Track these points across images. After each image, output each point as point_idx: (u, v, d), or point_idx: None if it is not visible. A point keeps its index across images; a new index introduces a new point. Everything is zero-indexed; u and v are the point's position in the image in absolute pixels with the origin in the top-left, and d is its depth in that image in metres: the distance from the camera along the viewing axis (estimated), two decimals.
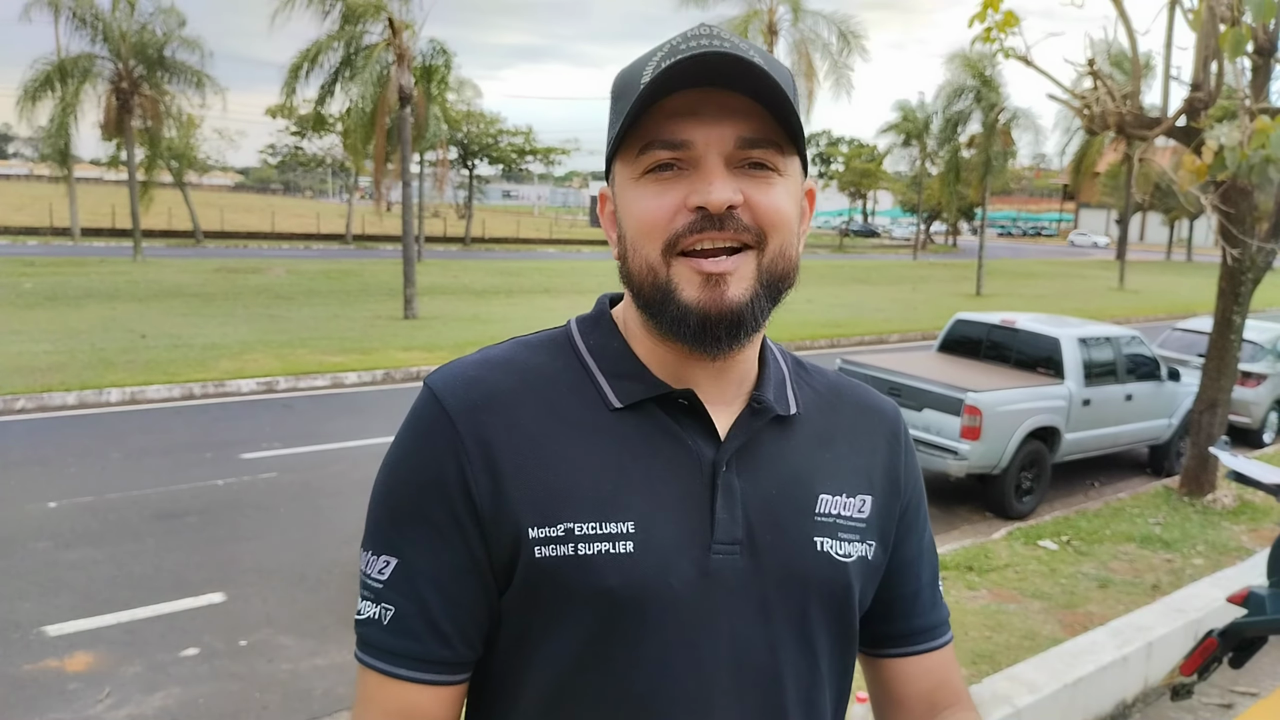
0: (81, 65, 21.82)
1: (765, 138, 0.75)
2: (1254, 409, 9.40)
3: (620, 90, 0.79)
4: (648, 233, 0.76)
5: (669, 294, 0.76)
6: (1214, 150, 5.02)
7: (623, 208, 0.79)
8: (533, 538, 0.76)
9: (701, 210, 0.74)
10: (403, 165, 15.78)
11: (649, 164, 0.76)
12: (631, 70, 0.78)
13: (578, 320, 0.88)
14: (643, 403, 0.80)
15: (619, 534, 0.76)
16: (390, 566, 0.78)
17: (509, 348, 0.86)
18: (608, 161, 0.82)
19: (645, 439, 0.80)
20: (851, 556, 0.85)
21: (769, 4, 20.14)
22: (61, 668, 4.04)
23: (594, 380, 0.82)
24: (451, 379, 0.81)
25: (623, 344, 0.84)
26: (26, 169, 77.99)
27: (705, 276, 0.75)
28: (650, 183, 0.76)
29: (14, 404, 8.61)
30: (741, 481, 0.81)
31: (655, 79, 0.72)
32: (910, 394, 6.98)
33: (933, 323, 15.63)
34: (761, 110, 0.75)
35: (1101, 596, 4.91)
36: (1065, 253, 53.18)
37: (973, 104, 25.15)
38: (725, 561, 0.79)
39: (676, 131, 0.74)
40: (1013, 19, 5.51)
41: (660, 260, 0.76)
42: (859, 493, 0.87)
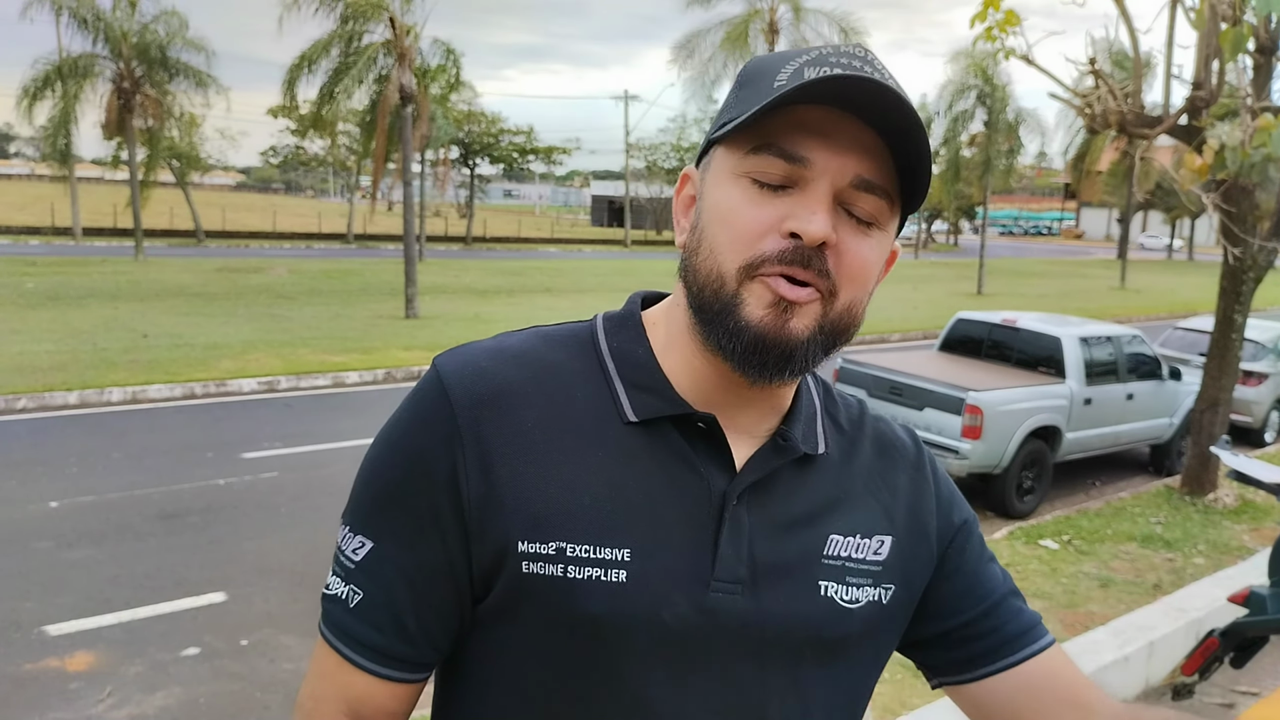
0: (82, 65, 21.83)
1: (882, 185, 0.70)
2: (1255, 408, 9.39)
3: (750, 77, 0.73)
4: (731, 241, 0.70)
5: (731, 307, 0.70)
6: (1215, 149, 5.02)
7: (710, 200, 0.73)
8: (521, 551, 0.71)
9: (795, 238, 0.68)
10: (404, 165, 15.79)
11: (757, 167, 0.70)
12: (769, 62, 0.73)
13: (604, 318, 0.82)
14: (658, 420, 0.75)
15: (613, 561, 0.71)
16: (365, 549, 0.75)
17: (527, 338, 0.80)
18: (707, 144, 0.76)
19: (655, 459, 0.75)
20: (859, 602, 0.79)
21: (770, 3, 20.12)
22: (63, 667, 4.05)
23: (611, 387, 0.76)
24: (461, 366, 0.76)
25: (647, 352, 0.78)
26: (28, 168, 78.09)
27: (777, 299, 0.69)
28: (751, 187, 0.70)
29: (16, 403, 8.62)
30: (751, 517, 0.76)
31: (803, 84, 0.66)
32: (911, 393, 6.98)
33: (934, 322, 15.62)
34: (886, 152, 0.70)
35: (1103, 596, 4.91)
36: (1067, 251, 53.15)
37: (975, 103, 25.14)
38: (724, 600, 0.74)
39: (799, 145, 0.68)
40: (1014, 18, 5.51)
41: (734, 275, 0.70)
42: (876, 533, 0.81)
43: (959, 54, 24.17)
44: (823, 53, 0.70)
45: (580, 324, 0.83)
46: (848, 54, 0.70)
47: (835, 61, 0.69)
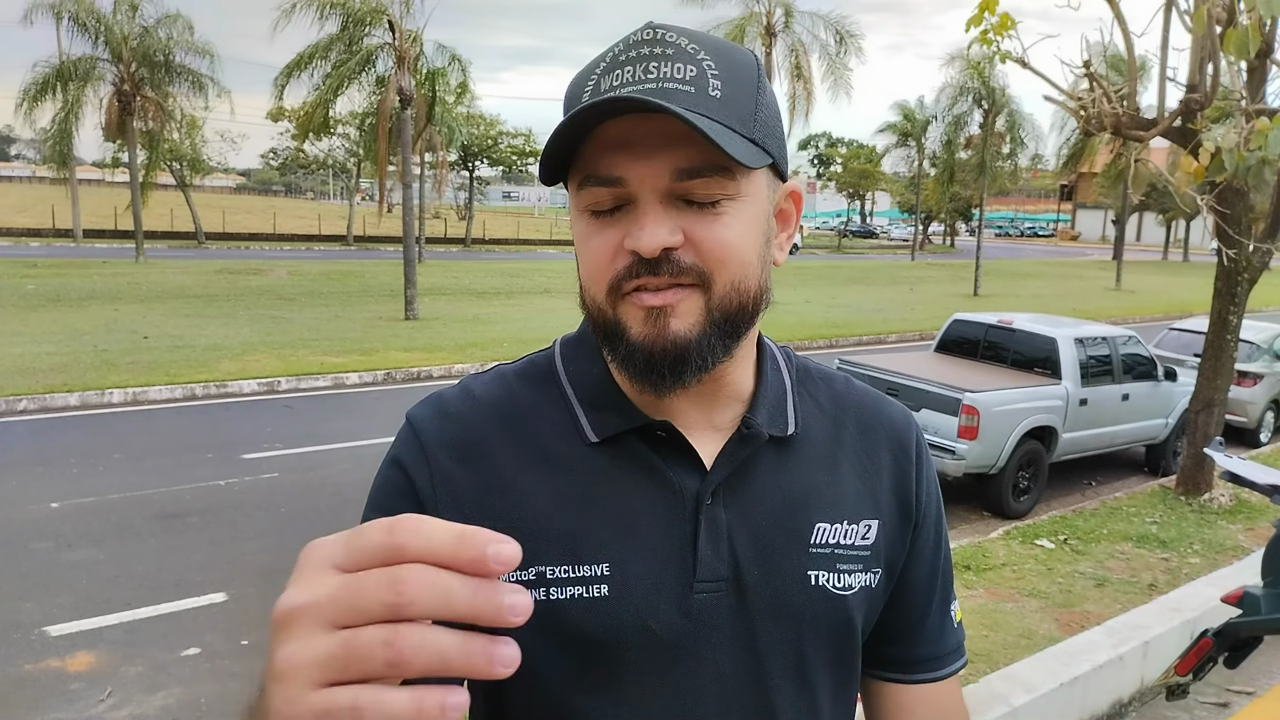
0: (82, 68, 21.83)
1: (708, 164, 0.67)
2: (1250, 409, 9.41)
3: (566, 102, 0.72)
4: (591, 275, 0.72)
5: (619, 333, 0.72)
6: (1211, 152, 5.04)
7: (575, 235, 0.75)
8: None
9: (634, 254, 0.68)
10: (403, 167, 15.81)
11: (590, 201, 0.70)
12: (577, 81, 0.72)
13: (562, 342, 0.84)
14: (620, 435, 0.76)
15: (593, 577, 0.72)
16: None
17: (491, 379, 0.82)
18: None
19: (623, 474, 0.75)
20: (852, 588, 0.79)
21: (766, 6, 20.15)
22: (63, 668, 4.06)
23: (572, 412, 0.78)
24: (429, 413, 0.79)
25: (602, 370, 0.78)
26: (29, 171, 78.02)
27: (646, 311, 0.70)
28: (592, 220, 0.71)
29: (17, 405, 8.63)
30: (728, 514, 0.75)
31: (583, 110, 0.65)
32: (908, 394, 7.00)
33: (930, 323, 15.65)
34: (700, 136, 0.66)
35: (1098, 595, 4.93)
36: (1062, 253, 53.18)
37: (972, 106, 25.19)
38: (709, 600, 0.74)
39: (611, 167, 0.68)
40: (1009, 22, 5.53)
41: (606, 302, 0.72)
42: (863, 518, 0.80)
43: (954, 57, 24.22)
44: (614, 53, 0.69)
45: (540, 353, 0.84)
46: (635, 44, 0.69)
47: (624, 59, 0.68)
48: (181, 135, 25.37)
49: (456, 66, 16.82)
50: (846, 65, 20.73)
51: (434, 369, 11.22)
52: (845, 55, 20.59)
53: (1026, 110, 25.98)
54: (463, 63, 17.05)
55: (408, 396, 9.94)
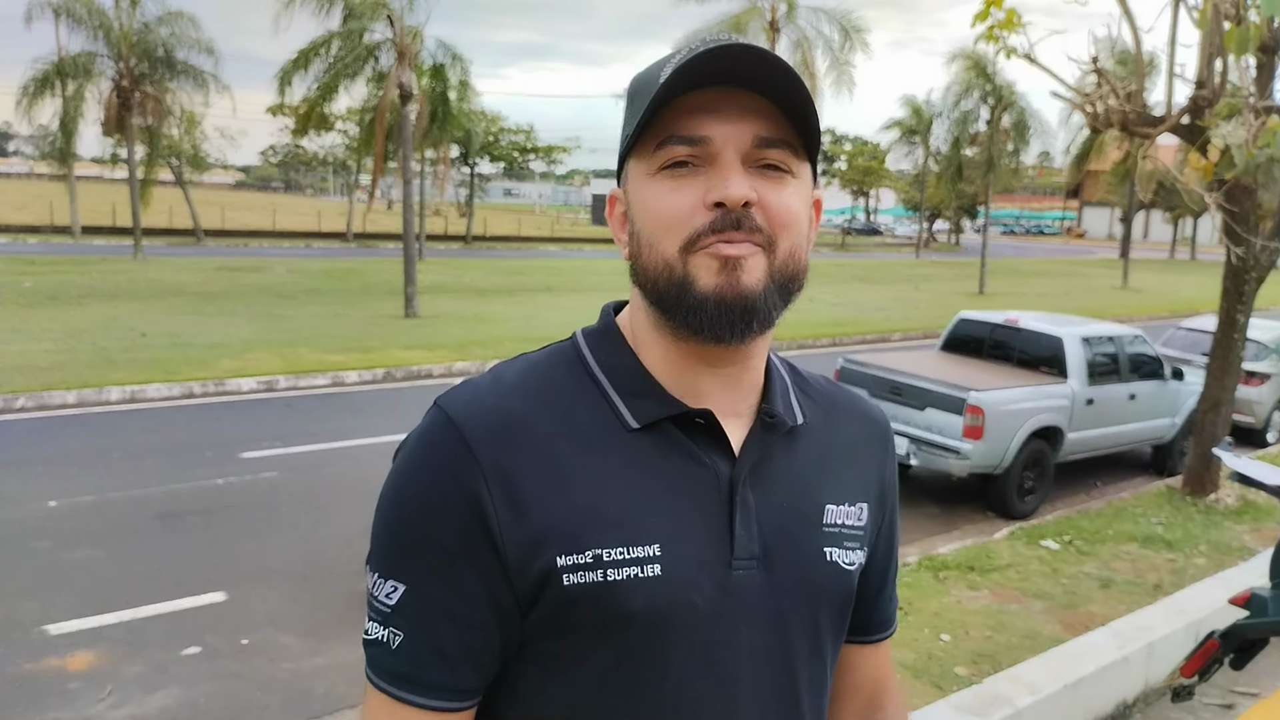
0: (82, 64, 21.81)
1: (782, 138, 0.76)
2: (1258, 408, 9.38)
3: (637, 90, 0.79)
4: (665, 229, 0.75)
5: (687, 286, 0.75)
6: (1220, 148, 5.01)
7: (637, 204, 0.79)
8: (561, 565, 0.75)
9: (720, 207, 0.74)
10: (403, 164, 15.79)
11: (666, 159, 0.75)
12: (649, 71, 0.78)
13: (584, 334, 0.87)
14: (659, 422, 0.80)
15: (646, 557, 0.76)
16: (399, 592, 0.77)
17: (521, 369, 0.84)
18: (621, 161, 0.82)
19: (664, 459, 0.79)
20: (854, 564, 0.88)
21: (770, 1, 20.10)
22: (63, 667, 4.05)
23: (609, 400, 0.81)
24: (469, 405, 0.79)
25: (633, 359, 0.83)
26: (27, 167, 78.08)
27: (723, 261, 0.74)
28: (666, 179, 0.76)
29: (14, 403, 8.61)
30: (755, 496, 0.81)
31: (674, 74, 0.72)
32: (913, 393, 6.97)
33: (935, 321, 15.61)
34: (778, 112, 0.75)
35: (1103, 596, 4.90)
36: (1068, 251, 53.15)
37: (979, 102, 25.12)
38: (744, 577, 0.80)
39: (695, 127, 0.74)
40: (1015, 17, 5.49)
41: (677, 256, 0.75)
42: (858, 501, 0.90)
43: (959, 54, 24.14)
44: (692, 48, 0.75)
45: (563, 344, 0.87)
46: (714, 41, 0.75)
47: (703, 50, 0.74)
48: (181, 131, 25.33)
49: (458, 65, 16.76)
50: (851, 61, 20.67)
51: (434, 367, 11.20)
52: (850, 51, 20.53)
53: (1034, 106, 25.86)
54: (463, 60, 16.99)
55: (408, 395, 9.92)
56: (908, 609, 4.61)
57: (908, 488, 7.60)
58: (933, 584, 4.99)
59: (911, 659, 4.02)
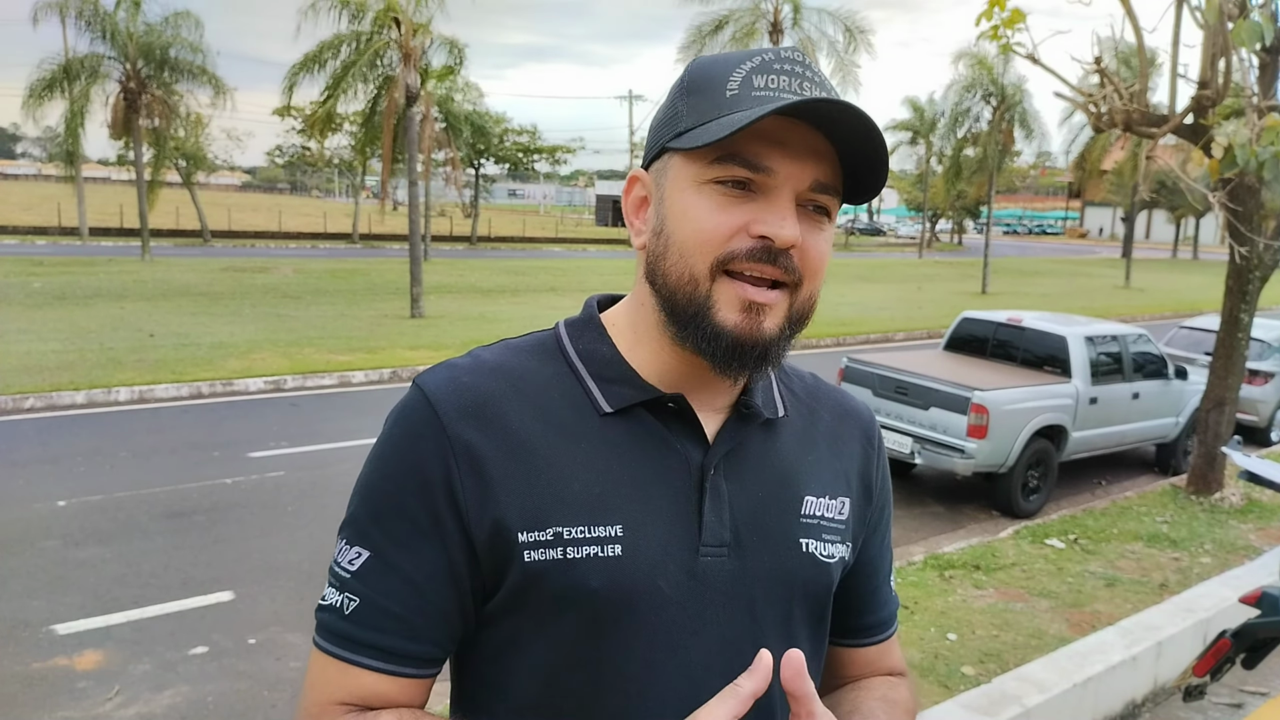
0: (88, 65, 21.88)
1: (834, 185, 0.77)
2: (1261, 407, 9.37)
3: (698, 84, 0.78)
4: (702, 244, 0.75)
5: (705, 310, 0.75)
6: (1223, 147, 5.00)
7: (675, 206, 0.77)
8: (522, 542, 0.75)
9: (764, 240, 0.74)
10: (409, 165, 15.82)
11: (722, 175, 0.74)
12: (715, 67, 0.77)
13: (566, 323, 0.88)
14: (632, 407, 0.80)
15: (607, 537, 0.76)
16: (361, 558, 0.78)
17: (499, 351, 0.85)
18: (660, 148, 0.80)
19: (634, 443, 0.80)
20: (834, 557, 0.87)
21: (774, 3, 20.09)
22: (71, 666, 4.07)
23: (584, 384, 0.81)
24: (444, 382, 0.80)
25: (612, 349, 0.83)
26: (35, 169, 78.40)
27: (748, 304, 0.75)
28: (718, 194, 0.75)
29: (23, 403, 8.65)
30: (729, 484, 0.81)
31: (777, 109, 0.71)
32: (917, 392, 6.97)
33: (939, 321, 15.61)
34: (835, 157, 0.76)
35: (1109, 595, 4.90)
36: (1071, 250, 53.02)
37: (981, 102, 25.08)
38: (712, 564, 0.79)
39: (763, 156, 0.74)
40: (1019, 16, 5.49)
41: (706, 274, 0.75)
42: (839, 495, 0.90)
43: (962, 54, 24.11)
44: (765, 59, 0.76)
45: (544, 331, 0.88)
46: (788, 60, 0.76)
47: (779, 69, 0.75)
48: (187, 133, 25.38)
49: (454, 54, 16.65)
50: (855, 62, 20.67)
51: None
52: (854, 52, 20.52)
53: (1039, 107, 25.83)
54: (460, 49, 16.83)
55: None
56: (913, 608, 4.62)
57: (913, 487, 7.59)
58: (938, 583, 5.00)
59: (918, 658, 4.03)
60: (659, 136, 0.80)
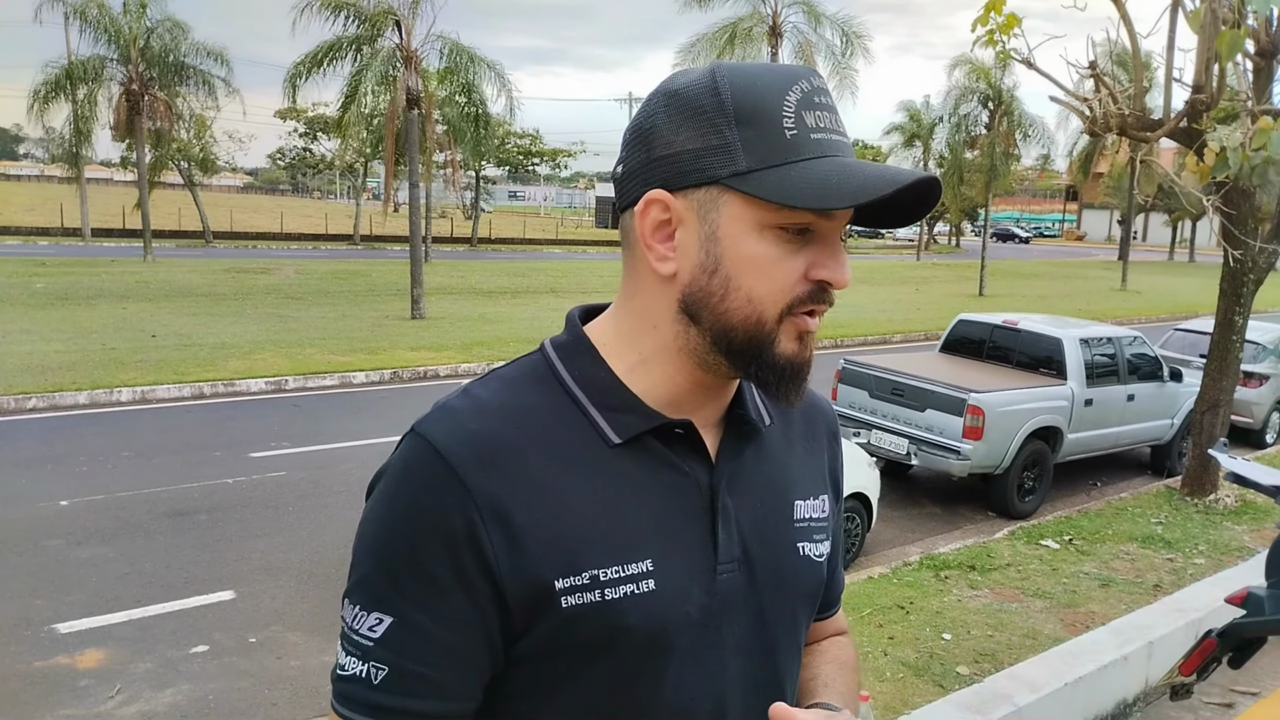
0: (92, 68, 21.92)
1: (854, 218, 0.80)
2: (1256, 410, 9.40)
3: (752, 116, 0.74)
4: (773, 293, 0.76)
5: (769, 345, 0.78)
6: (1216, 151, 5.04)
7: (739, 250, 0.75)
8: (559, 589, 0.75)
9: (822, 284, 0.77)
10: (410, 167, 15.86)
11: (790, 223, 0.75)
12: (764, 96, 0.75)
13: (554, 346, 0.85)
14: (639, 435, 0.80)
15: (640, 574, 0.77)
16: (383, 624, 0.75)
17: (495, 388, 0.82)
18: (707, 179, 0.75)
19: (647, 473, 0.80)
20: (823, 555, 0.91)
21: (773, 7, 20.13)
22: (73, 664, 4.10)
23: (589, 416, 0.80)
24: (451, 431, 0.77)
25: (609, 374, 0.82)
26: (38, 170, 78.40)
27: (804, 334, 0.79)
28: (780, 241, 0.75)
29: (26, 403, 8.69)
30: (733, 499, 0.84)
31: (895, 190, 0.72)
32: (913, 394, 7.01)
33: (936, 323, 15.63)
34: None
35: (1103, 596, 4.93)
36: (1068, 253, 53.02)
37: (978, 107, 25.12)
38: (728, 580, 0.82)
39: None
40: (1014, 21, 5.53)
41: (774, 319, 0.77)
42: (820, 494, 0.94)
43: (960, 59, 24.14)
44: (804, 91, 0.76)
45: (532, 357, 0.85)
46: (820, 90, 0.77)
47: (819, 103, 0.76)
48: (190, 135, 25.41)
49: (457, 57, 16.57)
50: (853, 66, 20.69)
51: (440, 368, 11.26)
52: (851, 56, 20.56)
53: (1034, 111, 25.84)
54: (464, 52, 16.74)
55: (414, 395, 9.98)
56: (909, 608, 4.65)
57: (909, 488, 7.63)
58: (934, 583, 5.03)
59: (913, 658, 4.06)
60: (701, 164, 0.75)
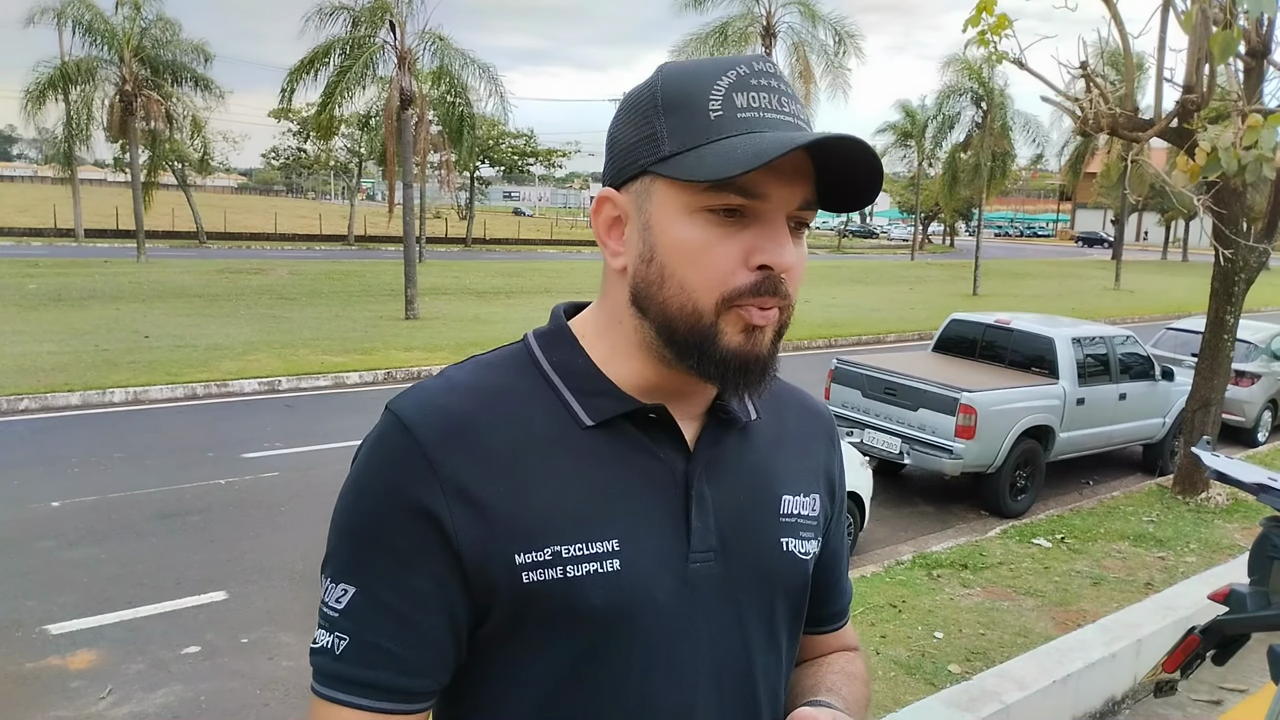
0: (85, 68, 21.87)
1: (815, 200, 0.77)
2: (1248, 408, 9.44)
3: (677, 102, 0.75)
4: (706, 280, 0.74)
5: (712, 339, 0.75)
6: (1207, 151, 5.06)
7: (669, 237, 0.75)
8: (519, 564, 0.74)
9: (764, 270, 0.74)
10: (404, 168, 15.86)
11: (716, 204, 0.73)
12: (691, 82, 0.75)
13: (536, 335, 0.86)
14: (614, 419, 0.80)
15: (605, 553, 0.76)
16: (348, 595, 0.75)
17: (472, 370, 0.83)
18: (637, 170, 0.77)
19: (619, 455, 0.79)
20: (810, 554, 0.89)
21: (767, 7, 20.18)
22: (64, 666, 4.09)
23: (563, 399, 0.80)
24: (420, 407, 0.78)
25: (587, 361, 0.82)
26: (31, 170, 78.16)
27: (749, 327, 0.76)
28: (713, 224, 0.74)
29: (18, 404, 8.66)
30: (712, 490, 0.82)
31: (790, 149, 0.70)
32: (906, 393, 7.02)
33: (929, 323, 15.66)
34: (814, 172, 0.76)
35: (1094, 594, 4.95)
36: (1062, 253, 53.18)
37: (970, 105, 25.21)
38: (701, 570, 0.80)
39: (757, 183, 0.72)
40: (1005, 22, 5.55)
41: (711, 309, 0.75)
42: (812, 492, 0.92)
43: (952, 59, 24.22)
44: (740, 74, 0.75)
45: (514, 345, 0.86)
46: (762, 73, 0.75)
47: (757, 85, 0.74)
48: (184, 135, 25.35)
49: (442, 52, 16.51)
50: (845, 66, 20.77)
51: (434, 368, 11.24)
52: (844, 56, 20.63)
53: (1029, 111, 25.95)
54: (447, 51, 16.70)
55: None
56: (901, 606, 4.66)
57: (901, 487, 7.65)
58: (926, 582, 5.05)
59: (905, 656, 4.07)
60: (635, 156, 0.77)
